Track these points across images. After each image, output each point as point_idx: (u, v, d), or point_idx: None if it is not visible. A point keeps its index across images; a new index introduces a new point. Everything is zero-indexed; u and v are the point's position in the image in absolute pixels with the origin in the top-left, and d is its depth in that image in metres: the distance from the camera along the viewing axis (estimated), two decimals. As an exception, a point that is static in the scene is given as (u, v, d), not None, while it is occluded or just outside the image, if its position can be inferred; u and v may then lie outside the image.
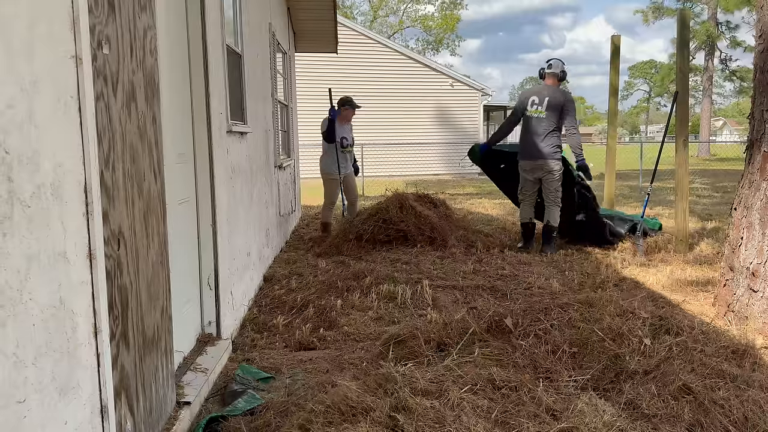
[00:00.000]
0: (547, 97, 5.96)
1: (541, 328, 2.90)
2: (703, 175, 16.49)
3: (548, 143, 5.92)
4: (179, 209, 2.85)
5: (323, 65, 16.05)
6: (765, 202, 3.54)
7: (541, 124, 5.93)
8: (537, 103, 6.00)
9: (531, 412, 2.25)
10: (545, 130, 5.92)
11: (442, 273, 5.03)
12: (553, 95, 5.97)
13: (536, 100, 6.01)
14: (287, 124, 7.65)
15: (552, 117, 5.92)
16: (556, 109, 5.92)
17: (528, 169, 6.05)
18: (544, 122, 5.92)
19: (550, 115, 5.92)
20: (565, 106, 5.97)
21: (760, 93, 3.70)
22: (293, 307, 4.08)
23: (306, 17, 8.29)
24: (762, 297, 3.50)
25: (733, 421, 2.22)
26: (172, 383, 2.35)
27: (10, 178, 1.26)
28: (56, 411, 1.43)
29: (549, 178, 5.97)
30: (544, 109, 5.94)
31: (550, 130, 5.92)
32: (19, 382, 1.29)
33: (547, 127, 5.92)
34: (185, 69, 3.01)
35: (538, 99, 6.00)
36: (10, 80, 1.27)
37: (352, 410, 2.19)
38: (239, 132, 3.93)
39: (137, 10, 2.02)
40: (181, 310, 2.80)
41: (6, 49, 1.26)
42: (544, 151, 5.92)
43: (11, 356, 1.26)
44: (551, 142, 5.93)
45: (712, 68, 32.82)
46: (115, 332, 1.77)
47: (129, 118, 1.91)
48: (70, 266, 1.51)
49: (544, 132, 5.92)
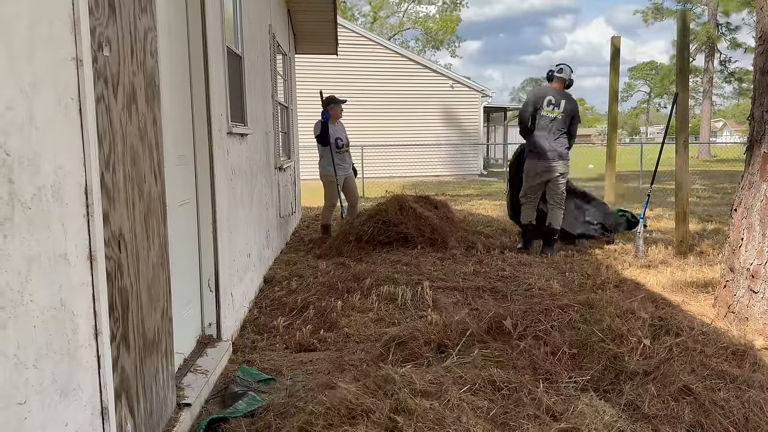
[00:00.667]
0: (563, 100, 5.96)
1: (541, 329, 2.90)
2: (703, 176, 16.49)
3: (562, 145, 5.92)
4: (180, 211, 2.85)
5: (323, 67, 16.06)
6: (765, 203, 3.54)
7: (556, 125, 5.92)
8: (554, 104, 5.96)
9: (531, 413, 2.24)
10: (560, 131, 5.92)
11: (442, 274, 5.03)
12: (569, 100, 5.99)
13: (552, 101, 5.97)
14: (287, 126, 7.65)
15: (566, 120, 5.94)
16: (569, 114, 5.95)
17: (539, 171, 5.98)
18: (559, 124, 5.92)
19: (565, 118, 5.93)
20: (577, 113, 6.03)
21: (760, 94, 3.70)
22: (293, 308, 4.08)
23: (306, 19, 8.30)
24: (762, 298, 3.50)
25: (733, 421, 2.22)
26: (172, 385, 2.35)
27: (11, 180, 1.27)
28: (57, 413, 1.43)
29: (557, 181, 5.96)
30: (561, 111, 5.93)
31: (563, 132, 5.94)
32: (20, 384, 1.29)
33: (562, 128, 5.93)
34: (186, 70, 3.02)
35: (555, 100, 5.97)
36: (11, 82, 1.28)
37: (352, 412, 2.19)
38: (239, 133, 3.93)
39: (138, 12, 2.03)
40: (181, 312, 2.80)
41: (6, 50, 1.26)
42: (558, 152, 5.91)
43: (12, 358, 1.26)
44: (564, 144, 5.93)
45: (712, 69, 32.81)
46: (116, 334, 1.77)
47: (129, 120, 1.91)
48: (71, 268, 1.51)
49: (558, 133, 5.93)
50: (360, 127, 17.87)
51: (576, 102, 6.13)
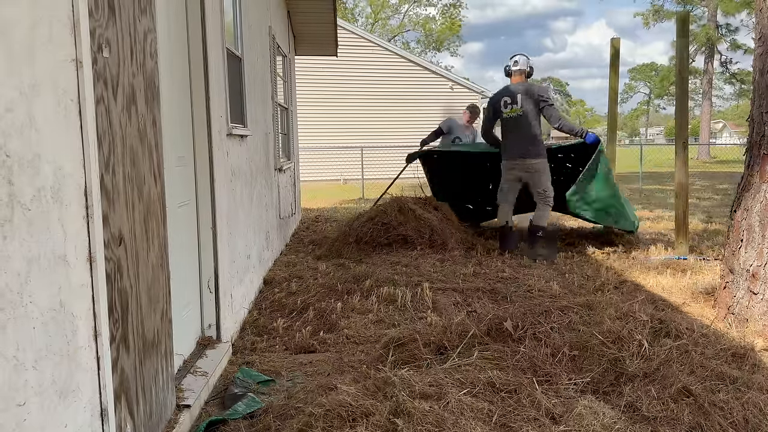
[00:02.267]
0: (518, 94, 5.82)
1: (540, 331, 2.90)
2: (702, 177, 16.49)
3: (533, 141, 5.78)
4: (179, 212, 2.85)
5: (323, 68, 16.07)
6: (765, 204, 3.54)
7: (521, 123, 5.78)
8: (510, 103, 5.85)
9: (530, 415, 2.24)
10: (526, 127, 5.76)
11: (442, 276, 5.03)
12: (527, 91, 5.82)
13: (508, 100, 5.87)
14: (287, 127, 7.66)
15: (530, 113, 5.76)
16: (532, 104, 5.77)
17: (515, 168, 5.87)
18: (523, 120, 5.77)
19: (528, 111, 5.76)
20: (540, 96, 5.81)
21: (759, 95, 3.70)
22: (293, 310, 4.08)
23: (306, 20, 8.31)
24: (762, 299, 3.50)
25: (733, 423, 2.21)
26: (172, 386, 2.35)
27: (11, 182, 1.27)
28: (56, 414, 1.43)
29: (537, 178, 5.83)
30: (519, 107, 5.79)
31: (531, 126, 5.76)
32: (19, 385, 1.29)
33: (528, 124, 5.75)
34: (185, 72, 3.02)
35: (510, 98, 5.86)
36: (11, 83, 1.28)
37: (351, 414, 2.19)
38: (239, 135, 3.93)
39: (137, 14, 2.03)
40: (181, 313, 2.80)
41: (6, 52, 1.26)
42: (530, 150, 5.77)
43: (11, 359, 1.26)
44: (535, 139, 5.79)
45: (711, 71, 32.84)
46: (115, 335, 1.77)
47: (129, 122, 1.91)
48: (70, 269, 1.51)
49: (526, 130, 5.76)
50: (359, 128, 17.91)
51: (538, 87, 5.95)
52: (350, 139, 16.94)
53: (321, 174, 16.61)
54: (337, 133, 17.32)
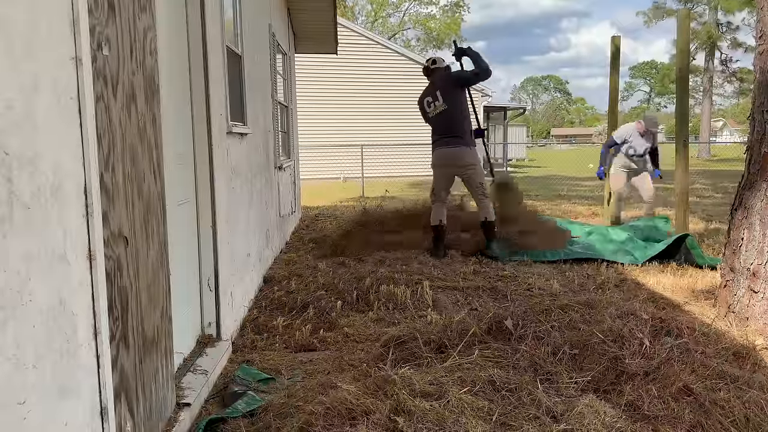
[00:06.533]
0: (438, 90, 5.76)
1: (541, 330, 2.90)
2: (703, 175, 16.48)
3: (461, 134, 5.64)
4: (179, 210, 2.85)
5: (323, 66, 16.05)
6: (765, 202, 3.54)
7: (446, 117, 5.68)
8: (432, 101, 5.80)
9: (531, 413, 2.24)
10: (453, 120, 5.65)
11: (442, 274, 5.03)
12: (441, 83, 5.77)
13: (430, 99, 5.82)
14: (287, 125, 7.65)
15: (454, 102, 5.66)
16: (452, 90, 5.70)
17: (447, 163, 5.74)
18: (448, 113, 5.67)
19: (451, 102, 5.66)
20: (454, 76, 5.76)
21: (760, 94, 3.69)
22: (293, 308, 4.07)
23: (306, 18, 8.29)
24: (762, 298, 3.50)
25: (734, 422, 2.21)
26: (171, 385, 2.35)
27: (10, 179, 1.26)
28: (56, 412, 1.43)
29: (471, 172, 5.69)
30: (441, 102, 5.71)
31: (457, 118, 5.65)
32: (19, 384, 1.29)
33: (453, 116, 5.64)
34: (185, 70, 3.01)
35: (431, 97, 5.81)
36: (10, 81, 1.27)
37: (351, 412, 2.19)
38: (239, 133, 3.93)
39: (137, 11, 2.02)
40: (180, 312, 2.80)
41: (6, 49, 1.26)
42: (462, 148, 5.65)
43: (11, 357, 1.26)
44: (464, 132, 5.66)
45: (712, 69, 32.81)
46: (115, 333, 1.76)
47: (129, 119, 1.91)
48: (70, 267, 1.51)
49: (453, 123, 5.66)
50: (360, 126, 17.89)
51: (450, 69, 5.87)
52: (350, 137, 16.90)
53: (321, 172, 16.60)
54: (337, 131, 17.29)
